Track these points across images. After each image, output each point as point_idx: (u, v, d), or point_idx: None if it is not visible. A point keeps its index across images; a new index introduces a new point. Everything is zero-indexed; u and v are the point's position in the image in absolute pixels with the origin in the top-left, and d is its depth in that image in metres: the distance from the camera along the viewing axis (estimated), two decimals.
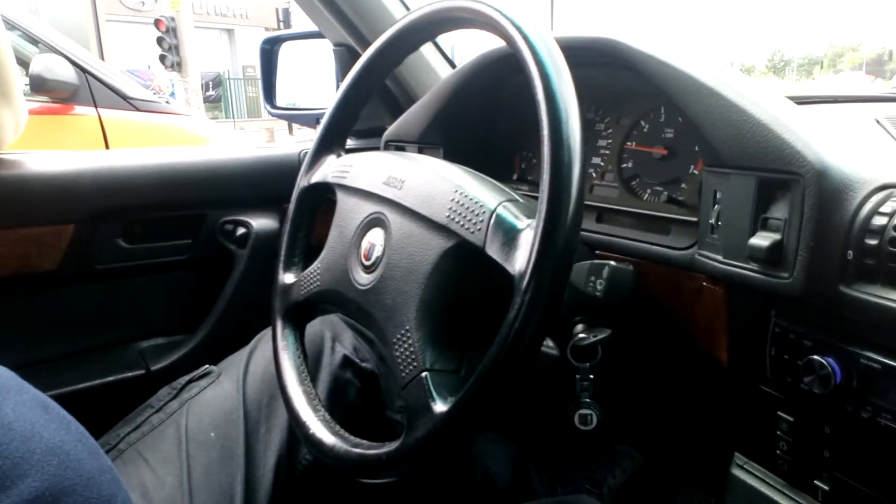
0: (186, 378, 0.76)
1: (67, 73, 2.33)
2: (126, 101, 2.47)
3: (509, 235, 0.48)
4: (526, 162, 0.89)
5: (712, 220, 0.58)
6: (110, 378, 0.87)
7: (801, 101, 0.90)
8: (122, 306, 0.92)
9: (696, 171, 0.68)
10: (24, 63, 2.84)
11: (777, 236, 0.52)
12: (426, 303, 0.53)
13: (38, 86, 2.30)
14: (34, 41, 2.48)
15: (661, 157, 0.72)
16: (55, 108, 2.37)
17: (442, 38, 0.84)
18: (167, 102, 2.67)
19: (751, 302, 0.56)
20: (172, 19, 6.10)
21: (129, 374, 0.89)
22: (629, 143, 0.75)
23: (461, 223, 0.51)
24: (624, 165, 0.76)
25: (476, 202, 0.51)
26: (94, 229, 0.85)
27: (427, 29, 0.65)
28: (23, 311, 0.85)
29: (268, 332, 0.78)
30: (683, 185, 0.69)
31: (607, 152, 0.78)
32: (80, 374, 0.86)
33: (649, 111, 0.73)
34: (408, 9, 0.92)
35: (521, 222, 0.48)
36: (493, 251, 0.48)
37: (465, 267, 0.52)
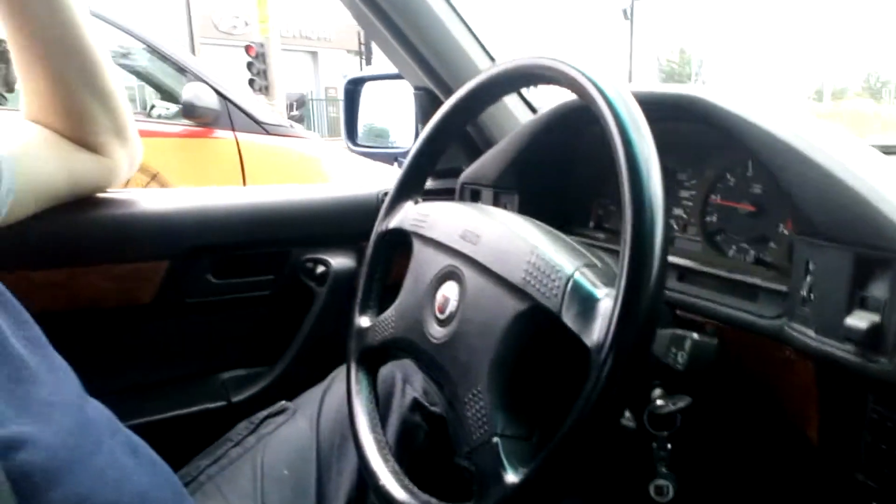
0: (264, 413, 0.79)
1: (212, 101, 2.58)
2: (259, 126, 2.70)
3: (587, 304, 0.47)
4: (603, 209, 0.87)
5: (804, 293, 0.55)
6: (194, 408, 0.91)
7: None
8: (209, 339, 0.96)
9: (785, 231, 0.65)
10: (164, 90, 3.16)
11: (876, 318, 0.48)
12: (499, 364, 0.53)
13: (189, 112, 2.56)
14: (182, 70, 2.74)
15: (747, 214, 0.69)
16: (198, 131, 2.63)
17: None
18: (291, 126, 2.91)
19: (845, 383, 0.53)
20: (261, 45, 6.43)
21: (212, 406, 0.93)
22: (714, 197, 0.73)
23: (537, 286, 0.50)
24: (708, 219, 0.73)
25: (552, 266, 0.50)
26: (188, 265, 0.90)
27: (508, 83, 0.66)
28: (119, 340, 0.90)
29: (342, 370, 0.80)
30: (772, 245, 0.66)
31: (690, 204, 0.75)
32: (167, 404, 0.91)
33: (735, 165, 0.70)
34: (492, 59, 0.93)
35: (600, 290, 0.47)
36: (569, 319, 0.47)
37: (539, 331, 0.52)
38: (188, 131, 2.66)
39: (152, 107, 3.14)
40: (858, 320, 0.49)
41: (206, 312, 0.95)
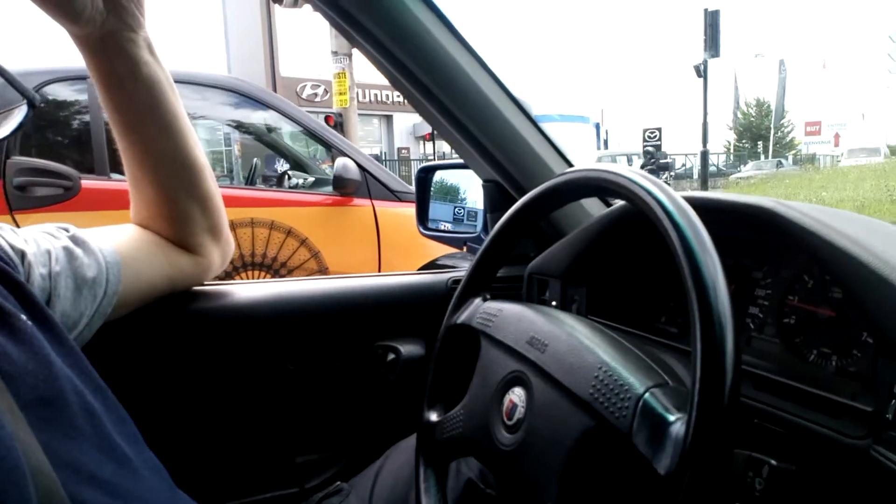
0: (321, 495, 0.81)
1: (355, 172, 2.89)
2: (392, 193, 3.01)
3: (658, 428, 0.46)
4: (675, 302, 0.86)
5: (889, 416, 0.52)
6: (269, 494, 0.94)
7: None
8: (284, 423, 1.00)
9: (870, 340, 0.62)
10: (296, 161, 3.57)
11: None
12: (567, 481, 0.52)
13: (339, 184, 2.87)
14: (328, 146, 3.10)
15: (828, 319, 0.66)
16: (339, 200, 2.96)
17: None
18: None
19: None
20: (340, 115, 6.78)
21: (286, 492, 0.95)
22: (791, 298, 0.71)
23: (605, 404, 0.50)
24: (785, 320, 0.71)
25: (621, 384, 0.50)
26: (269, 353, 0.95)
27: (576, 191, 0.68)
28: (202, 428, 0.95)
29: (395, 448, 0.81)
30: (856, 353, 0.63)
31: (766, 303, 0.73)
32: (245, 488, 0.94)
33: (813, 267, 0.68)
34: (563, 157, 0.95)
35: (672, 414, 0.47)
36: (639, 442, 0.47)
37: (607, 449, 0.51)
38: (332, 200, 2.98)
39: (288, 177, 3.48)
40: None
41: (284, 398, 0.98)
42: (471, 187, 1.19)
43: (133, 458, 0.52)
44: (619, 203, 0.84)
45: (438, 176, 1.26)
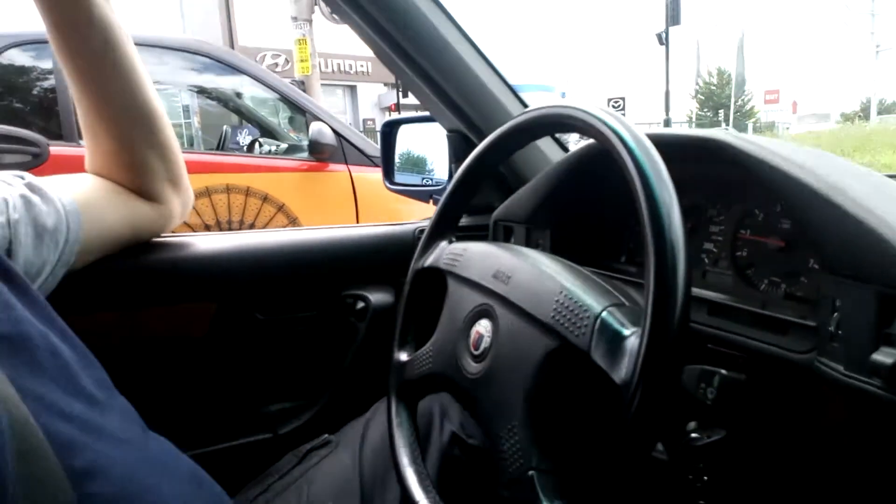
0: (308, 446, 0.83)
1: (331, 137, 2.87)
2: (368, 159, 2.99)
3: (614, 342, 0.49)
4: (634, 242, 0.89)
5: (832, 328, 0.55)
6: (243, 440, 0.95)
7: None
8: (257, 372, 1.01)
9: (816, 266, 0.65)
10: (264, 128, 3.47)
11: None
12: (533, 400, 0.55)
13: (314, 149, 2.85)
14: (302, 111, 3.06)
15: (778, 249, 0.70)
16: (315, 165, 2.95)
17: None
18: None
19: (877, 417, 0.53)
20: (302, 83, 6.64)
21: (259, 437, 0.97)
22: (743, 232, 0.74)
23: (566, 325, 0.53)
24: (738, 254, 0.74)
25: (580, 305, 0.53)
26: (236, 303, 0.95)
27: (536, 129, 0.69)
28: (173, 376, 0.95)
29: (383, 403, 0.83)
30: (803, 280, 0.67)
31: (720, 238, 0.77)
32: (218, 435, 0.95)
33: (763, 201, 0.71)
34: (523, 104, 0.97)
35: (627, 329, 0.49)
36: (597, 357, 0.49)
37: (570, 368, 0.54)
38: (308, 166, 2.97)
39: (259, 144, 3.42)
40: (884, 356, 0.49)
41: (253, 347, 0.99)
42: (437, 160, 1.20)
43: (103, 400, 0.53)
44: (577, 147, 0.86)
45: (405, 147, 1.26)
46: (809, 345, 0.59)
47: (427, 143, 1.21)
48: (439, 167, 1.17)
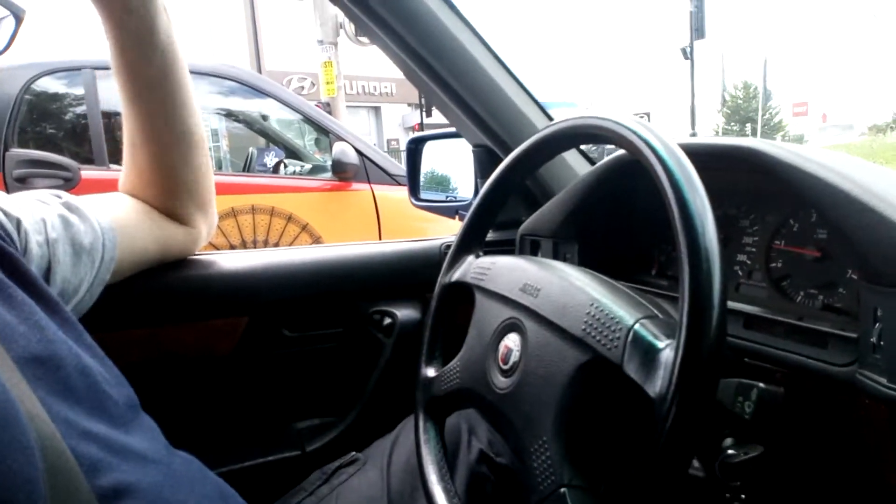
0: (336, 464, 0.82)
1: (354, 157, 2.92)
2: (391, 178, 3.04)
3: (648, 355, 0.48)
4: (665, 255, 0.88)
5: (874, 339, 0.53)
6: (271, 457, 0.95)
7: None
8: (284, 389, 1.01)
9: (853, 276, 0.63)
10: (289, 149, 3.57)
11: None
12: (564, 415, 0.53)
13: (337, 168, 2.91)
14: (325, 131, 3.12)
15: (814, 259, 0.68)
16: (338, 185, 3.00)
17: None
18: None
19: None
20: (328, 105, 6.74)
21: (287, 455, 0.97)
22: (777, 243, 0.72)
23: (597, 338, 0.51)
24: (773, 265, 0.72)
25: (612, 317, 0.52)
26: (264, 320, 0.96)
27: (563, 142, 0.68)
28: (201, 393, 0.96)
29: (410, 420, 0.83)
30: (841, 290, 0.65)
31: (753, 250, 0.75)
32: (245, 453, 0.95)
33: (798, 210, 0.70)
34: (548, 116, 0.96)
35: (661, 341, 0.48)
36: (631, 370, 0.48)
37: (602, 382, 0.53)
38: (332, 185, 3.02)
39: (284, 165, 3.49)
40: None
41: (282, 363, 1.00)
42: (463, 175, 1.20)
43: (129, 419, 0.53)
44: (605, 160, 0.85)
45: (429, 167, 1.27)
46: (850, 357, 0.57)
47: (453, 159, 1.22)
48: (465, 183, 1.17)
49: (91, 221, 0.70)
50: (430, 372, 0.75)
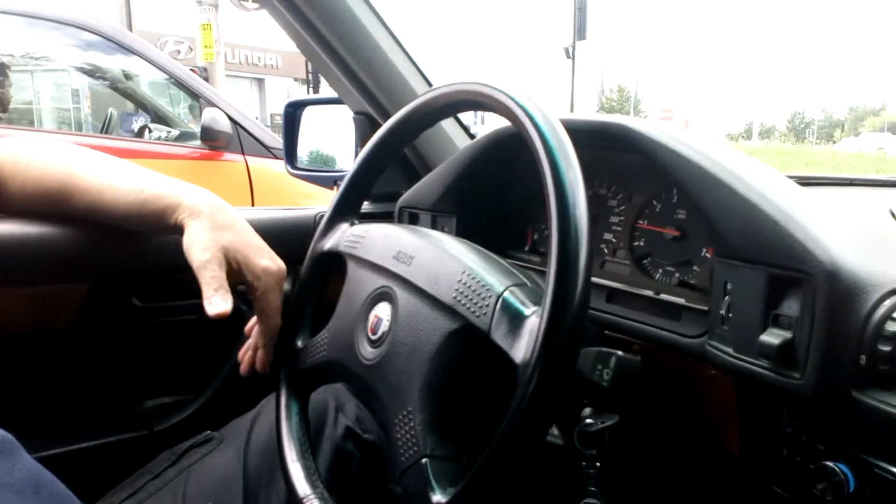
0: (188, 444, 0.76)
1: (226, 125, 2.69)
2: (268, 150, 2.83)
3: (515, 322, 0.48)
4: (539, 233, 0.89)
5: (723, 311, 0.57)
6: (112, 437, 0.86)
7: (816, 182, 0.90)
8: (132, 365, 0.92)
9: (708, 255, 0.67)
10: (158, 114, 3.28)
11: (788, 335, 0.51)
12: (429, 384, 0.52)
13: (207, 136, 2.66)
14: (196, 96, 2.87)
15: (672, 238, 0.71)
16: (208, 154, 2.76)
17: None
18: None
19: (762, 397, 0.55)
20: (205, 70, 6.32)
21: (132, 434, 0.88)
22: (641, 222, 0.75)
23: (467, 306, 0.51)
24: (636, 243, 0.76)
25: (483, 285, 0.51)
26: (110, 288, 0.86)
27: (442, 109, 0.66)
28: (32, 368, 0.85)
29: (272, 397, 0.78)
30: (696, 268, 0.69)
31: (619, 229, 0.78)
32: (84, 433, 0.85)
33: (661, 191, 0.73)
34: (429, 84, 0.95)
35: (528, 308, 0.48)
36: (498, 337, 0.48)
37: (470, 351, 0.52)
38: (200, 154, 2.78)
39: (149, 130, 3.17)
40: (772, 337, 0.51)
41: (129, 337, 0.90)
42: (344, 145, 1.15)
43: None
44: (485, 133, 0.85)
45: (313, 145, 1.21)
46: (701, 329, 0.61)
47: (334, 127, 1.17)
48: (346, 153, 1.12)
49: None
50: (297, 343, 0.71)
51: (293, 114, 1.16)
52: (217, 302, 0.67)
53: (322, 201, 1.14)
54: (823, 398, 0.49)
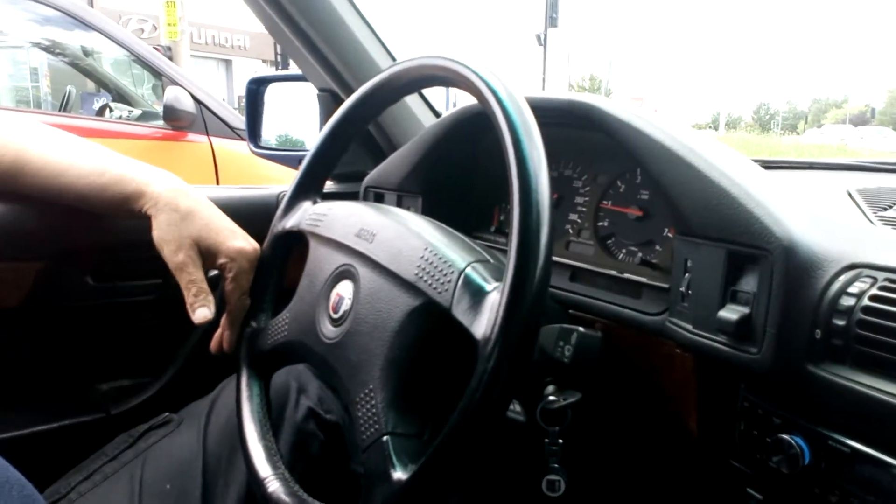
0: (145, 426, 0.74)
1: (190, 104, 2.62)
2: (233, 131, 2.75)
3: (476, 298, 0.47)
4: (505, 213, 0.89)
5: (683, 289, 0.57)
6: (67, 421, 0.84)
7: (778, 165, 0.91)
8: (87, 346, 0.89)
9: (669, 235, 0.68)
10: (119, 93, 3.19)
11: (746, 310, 0.51)
12: (391, 362, 0.52)
13: (169, 115, 2.59)
14: (159, 74, 2.79)
15: (636, 219, 0.72)
16: (171, 134, 2.67)
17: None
18: None
19: (720, 373, 0.56)
20: (169, 49, 6.16)
21: (88, 418, 0.86)
22: (605, 202, 0.76)
23: (429, 282, 0.50)
24: (600, 224, 0.76)
25: (445, 261, 0.50)
26: (63, 267, 0.83)
27: (406, 84, 0.65)
28: None
29: (233, 379, 0.76)
30: (657, 248, 0.69)
31: (584, 210, 0.78)
32: (37, 417, 0.83)
33: (625, 172, 0.73)
34: (393, 59, 0.93)
35: (489, 284, 0.48)
36: (459, 313, 0.47)
37: (431, 328, 0.51)
38: (163, 134, 2.69)
39: (110, 109, 3.07)
40: (730, 313, 0.51)
41: (85, 318, 0.87)
42: (309, 123, 1.12)
43: None
44: (451, 112, 0.84)
45: (278, 124, 1.18)
46: (661, 307, 0.61)
47: (298, 105, 1.14)
48: (310, 131, 1.10)
49: None
50: (256, 325, 0.69)
51: (256, 90, 1.13)
52: (200, 311, 0.69)
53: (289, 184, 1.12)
54: (779, 372, 0.49)
